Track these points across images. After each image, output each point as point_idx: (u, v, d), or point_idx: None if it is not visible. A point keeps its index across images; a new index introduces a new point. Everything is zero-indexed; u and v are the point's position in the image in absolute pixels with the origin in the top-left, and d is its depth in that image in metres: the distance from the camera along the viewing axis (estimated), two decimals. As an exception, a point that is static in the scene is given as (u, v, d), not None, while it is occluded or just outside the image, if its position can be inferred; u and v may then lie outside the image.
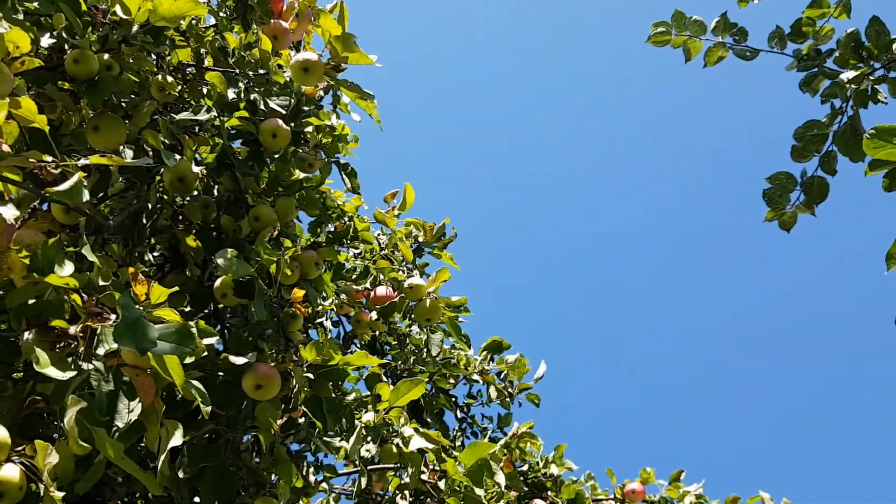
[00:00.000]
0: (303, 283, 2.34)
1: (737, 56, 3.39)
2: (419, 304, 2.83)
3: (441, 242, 3.17)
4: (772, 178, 3.07)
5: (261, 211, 2.42)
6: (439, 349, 2.95)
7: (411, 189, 3.25)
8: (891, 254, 2.14)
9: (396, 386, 2.23)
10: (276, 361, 2.06)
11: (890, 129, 2.02)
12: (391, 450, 2.21)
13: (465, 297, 2.85)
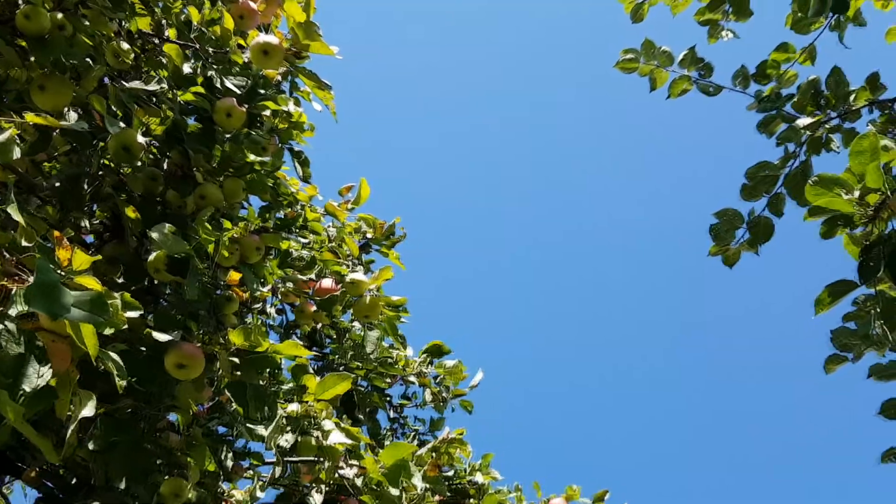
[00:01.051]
0: (242, 266, 2.32)
1: (700, 91, 3.45)
2: (359, 301, 2.81)
3: (390, 241, 3.17)
4: (719, 214, 3.12)
5: (207, 189, 2.40)
6: (375, 347, 2.94)
7: (367, 185, 3.24)
8: (820, 299, 2.19)
9: (324, 379, 2.22)
10: (202, 342, 2.03)
11: (832, 179, 2.06)
12: (310, 442, 2.20)
13: (405, 298, 2.85)
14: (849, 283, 2.13)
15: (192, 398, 2.00)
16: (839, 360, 2.71)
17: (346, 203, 3.22)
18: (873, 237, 2.09)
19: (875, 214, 2.07)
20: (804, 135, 3.10)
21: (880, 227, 2.08)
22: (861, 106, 3.05)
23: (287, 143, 2.67)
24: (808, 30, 3.46)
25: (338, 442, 2.16)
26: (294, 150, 2.74)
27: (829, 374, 2.81)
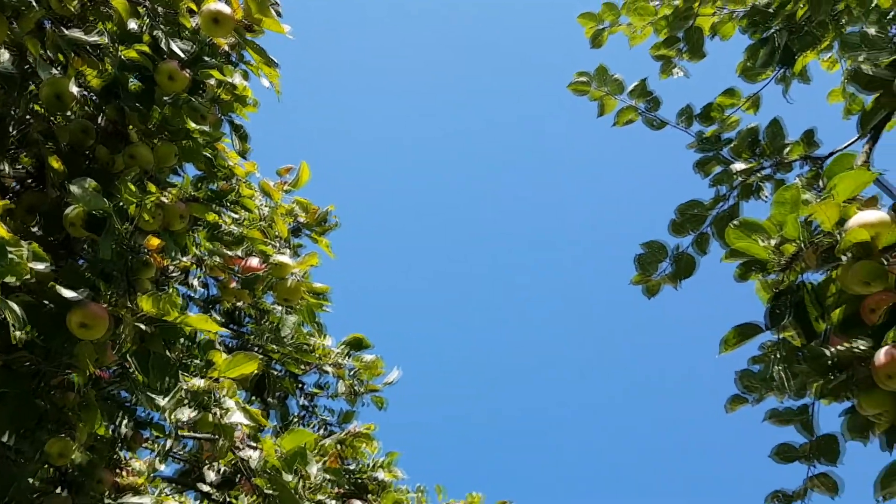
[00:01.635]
0: (164, 233, 2.28)
1: (645, 123, 3.53)
2: (281, 283, 2.79)
3: (321, 228, 3.14)
4: (646, 245, 3.19)
5: (139, 150, 2.35)
6: (292, 331, 2.91)
7: (307, 169, 3.22)
8: (726, 339, 2.26)
9: (231, 357, 2.20)
10: (109, 304, 1.99)
11: (753, 224, 2.13)
12: (207, 418, 2.17)
13: (328, 287, 2.84)
14: (755, 327, 2.20)
15: (91, 359, 1.96)
16: (741, 400, 2.79)
17: (282, 184, 3.19)
18: (784, 285, 2.17)
19: (788, 264, 2.14)
20: (737, 179, 3.19)
21: (792, 276, 2.16)
22: (794, 159, 3.17)
23: (228, 116, 2.63)
24: (756, 79, 3.58)
25: (236, 422, 2.14)
26: (234, 123, 2.71)
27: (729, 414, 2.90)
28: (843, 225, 1.96)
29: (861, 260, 1.91)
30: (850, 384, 2.06)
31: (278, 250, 2.93)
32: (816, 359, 2.11)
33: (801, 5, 3.03)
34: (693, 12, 3.50)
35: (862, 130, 2.58)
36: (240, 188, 3.05)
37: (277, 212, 3.06)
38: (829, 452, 2.62)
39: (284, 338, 2.98)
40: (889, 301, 1.97)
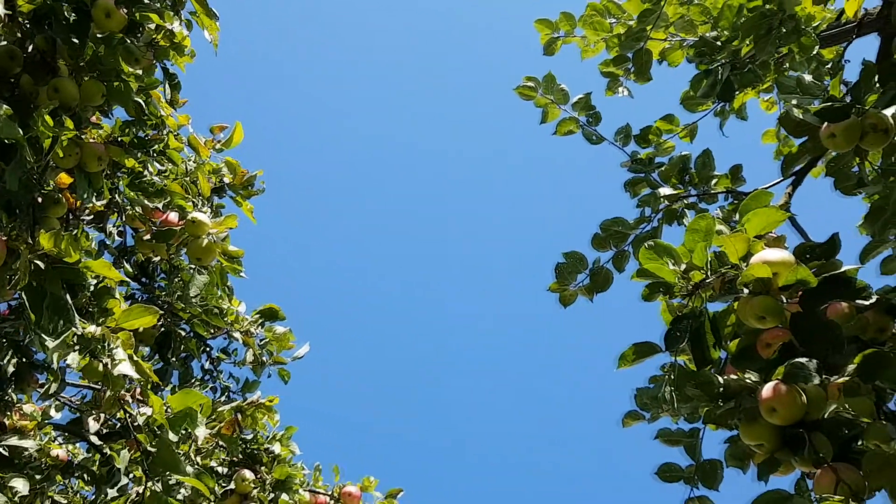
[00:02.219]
0: (78, 172, 2.21)
1: (583, 136, 3.58)
2: (195, 241, 2.73)
3: (247, 192, 3.09)
4: (567, 255, 3.24)
5: (64, 84, 2.27)
6: (200, 292, 2.86)
7: (241, 130, 3.16)
8: (625, 355, 2.31)
9: (130, 308, 2.14)
10: (8, 237, 1.92)
11: (665, 248, 2.19)
12: (97, 367, 2.11)
13: (243, 251, 2.79)
14: (653, 347, 2.25)
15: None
16: (637, 417, 2.85)
17: (213, 142, 3.12)
18: (686, 310, 2.23)
19: (693, 290, 2.20)
20: (662, 203, 3.27)
21: (695, 303, 2.22)
22: (719, 191, 3.26)
23: (163, 63, 2.57)
24: (696, 109, 3.67)
25: (124, 373, 2.09)
26: (169, 71, 2.64)
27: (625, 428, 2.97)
28: (748, 259, 2.03)
29: (759, 295, 1.98)
30: (735, 413, 2.12)
31: (197, 208, 2.87)
32: (706, 385, 2.17)
33: (747, 43, 3.12)
34: (645, 34, 3.56)
35: (784, 173, 2.67)
36: (168, 139, 2.98)
37: (203, 168, 2.99)
38: (709, 477, 2.70)
39: (192, 298, 2.92)
40: (784, 338, 2.05)
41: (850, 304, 2.07)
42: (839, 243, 2.07)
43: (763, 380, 2.04)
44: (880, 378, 2.02)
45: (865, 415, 1.96)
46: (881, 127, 2.34)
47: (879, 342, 2.09)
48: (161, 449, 2.07)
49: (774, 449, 2.02)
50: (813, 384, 1.93)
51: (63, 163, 2.14)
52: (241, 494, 3.51)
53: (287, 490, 3.59)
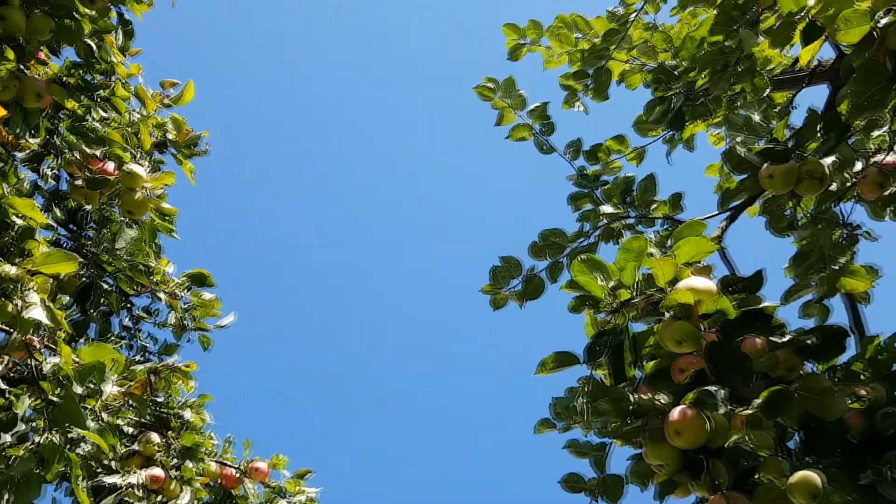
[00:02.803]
0: (13, 106, 2.13)
1: (535, 144, 3.61)
2: (129, 193, 2.66)
3: (189, 151, 3.03)
4: (504, 259, 3.27)
5: (11, 14, 2.19)
6: (127, 246, 2.79)
7: (192, 88, 3.09)
8: (544, 362, 2.34)
9: (49, 252, 2.08)
10: (-69, 162, 1.84)
11: (597, 263, 2.22)
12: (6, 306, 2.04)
13: (177, 210, 2.73)
14: (573, 357, 2.29)
15: None
16: (550, 425, 2.90)
17: (161, 95, 3.05)
18: (609, 326, 2.27)
19: (619, 308, 2.25)
20: (602, 221, 3.33)
21: (619, 320, 2.26)
22: (657, 216, 3.33)
23: (118, 7, 2.50)
24: (646, 134, 3.74)
25: (35, 318, 2.02)
26: (124, 17, 2.57)
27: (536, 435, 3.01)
28: (674, 284, 2.08)
29: (680, 320, 2.03)
30: (642, 432, 2.17)
31: (136, 160, 2.80)
32: (619, 401, 2.21)
33: (703, 76, 3.20)
34: (608, 54, 3.61)
35: (721, 207, 2.74)
36: (116, 87, 2.91)
37: (147, 121, 2.92)
38: (612, 492, 2.76)
39: (118, 251, 2.84)
40: (698, 365, 2.11)
41: (764, 340, 2.13)
42: (763, 280, 2.14)
43: (673, 403, 2.08)
44: (783, 415, 2.09)
45: (765, 448, 2.03)
46: (817, 174, 2.42)
47: (787, 381, 2.16)
48: (65, 400, 2.02)
49: (675, 471, 2.06)
50: (719, 413, 1.99)
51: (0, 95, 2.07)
52: (146, 457, 3.43)
53: (193, 458, 3.53)
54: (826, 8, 2.12)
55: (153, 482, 3.27)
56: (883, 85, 2.02)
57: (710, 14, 3.45)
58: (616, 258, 2.19)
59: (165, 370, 3.65)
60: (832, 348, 2.16)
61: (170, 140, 3.00)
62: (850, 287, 2.67)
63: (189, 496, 3.39)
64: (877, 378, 2.37)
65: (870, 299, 3.38)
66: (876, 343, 2.44)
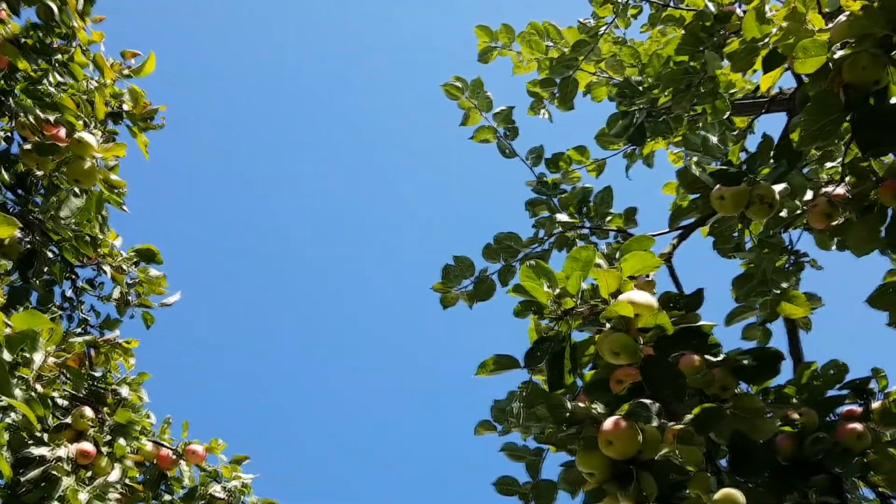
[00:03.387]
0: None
1: (498, 147, 3.62)
2: (78, 161, 2.60)
3: (145, 124, 2.97)
4: (458, 259, 3.27)
5: (-32, -33, 2.13)
6: (71, 214, 2.73)
7: (153, 61, 3.03)
8: (485, 364, 2.35)
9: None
10: None
11: (545, 270, 2.23)
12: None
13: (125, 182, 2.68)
14: (514, 361, 2.30)
15: None
16: (489, 426, 2.91)
17: (121, 65, 2.99)
18: (551, 333, 2.28)
19: (562, 315, 2.26)
20: (557, 228, 3.35)
21: (562, 327, 2.28)
22: (610, 229, 3.36)
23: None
24: (607, 147, 3.78)
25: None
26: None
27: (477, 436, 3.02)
28: (617, 296, 2.10)
29: (619, 332, 2.05)
30: (576, 439, 2.18)
31: (88, 129, 2.74)
32: (556, 407, 2.22)
33: (666, 94, 3.23)
34: (576, 64, 3.63)
35: (671, 224, 2.78)
36: (75, 53, 2.84)
37: (103, 90, 2.86)
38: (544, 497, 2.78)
39: (63, 219, 2.78)
40: (635, 377, 2.13)
41: (701, 357, 2.17)
42: (702, 299, 2.17)
43: (609, 413, 2.10)
44: (714, 432, 2.13)
45: (693, 464, 2.05)
46: (767, 199, 2.47)
47: (721, 399, 2.20)
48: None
49: (604, 480, 2.08)
50: (652, 426, 2.01)
51: (-51, 48, 2.01)
52: (77, 431, 3.36)
53: (126, 435, 3.47)
54: (787, 37, 2.16)
55: (83, 457, 3.20)
56: (835, 116, 2.06)
57: (678, 34, 3.49)
58: (563, 266, 2.21)
59: (105, 345, 3.59)
60: (767, 371, 2.20)
61: (126, 111, 2.95)
62: (789, 312, 2.72)
63: (119, 473, 3.33)
64: (809, 404, 2.42)
65: (810, 326, 3.46)
66: (812, 369, 2.50)
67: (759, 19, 2.37)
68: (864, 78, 1.94)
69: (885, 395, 2.48)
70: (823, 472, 2.27)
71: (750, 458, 2.20)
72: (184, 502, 4.01)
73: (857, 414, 2.39)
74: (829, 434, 2.32)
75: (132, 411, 3.53)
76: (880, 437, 2.38)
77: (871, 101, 1.94)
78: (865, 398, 2.47)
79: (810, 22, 2.09)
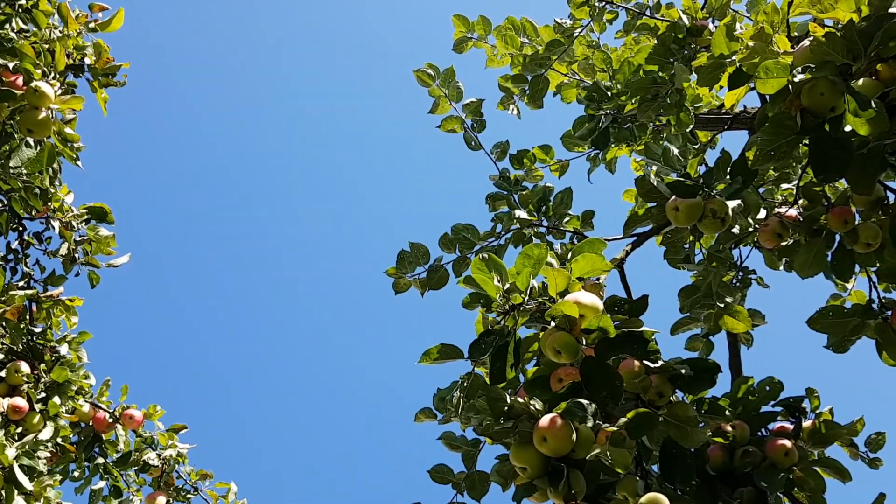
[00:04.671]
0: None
1: (464, 139, 3.63)
2: (32, 111, 2.54)
3: (105, 80, 2.91)
4: (413, 246, 3.27)
5: None
6: (20, 164, 2.66)
7: (122, 17, 2.97)
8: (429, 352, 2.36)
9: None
10: None
11: (496, 264, 2.25)
12: None
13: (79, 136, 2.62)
14: (458, 351, 2.32)
15: None
16: (430, 414, 2.92)
17: (86, 17, 2.92)
18: (497, 327, 2.30)
19: (509, 311, 2.28)
20: (515, 225, 3.36)
21: (509, 322, 2.30)
22: (567, 230, 3.39)
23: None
24: (572, 148, 3.81)
25: None
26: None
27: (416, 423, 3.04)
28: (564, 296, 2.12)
29: (562, 331, 2.07)
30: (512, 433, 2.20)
31: (46, 79, 2.67)
32: (495, 400, 2.24)
33: (633, 102, 3.27)
34: (549, 63, 3.65)
35: (625, 231, 2.81)
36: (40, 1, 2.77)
37: (66, 41, 2.79)
38: (477, 488, 2.82)
39: (12, 169, 2.71)
40: (575, 377, 2.16)
41: (641, 363, 2.20)
42: (646, 304, 2.21)
43: (546, 410, 2.12)
44: (647, 437, 2.17)
45: (623, 466, 2.09)
46: (720, 214, 2.51)
47: (655, 405, 2.24)
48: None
49: (536, 476, 2.11)
50: (586, 425, 2.04)
51: None
52: (11, 385, 3.31)
53: (61, 394, 3.41)
54: (752, 55, 2.19)
55: (14, 412, 3.15)
56: (791, 138, 2.10)
57: (651, 42, 3.53)
58: (515, 262, 2.22)
59: (48, 301, 3.52)
60: (703, 381, 2.24)
61: (87, 65, 2.88)
62: (731, 326, 2.78)
63: (51, 432, 3.28)
64: (743, 417, 2.48)
65: (752, 342, 3.54)
66: (748, 384, 2.56)
67: (729, 36, 2.40)
68: (821, 104, 1.98)
69: (816, 415, 2.55)
70: (750, 485, 2.32)
71: (679, 465, 2.24)
72: (116, 466, 3.97)
73: (787, 431, 2.45)
74: (759, 448, 2.37)
75: (70, 370, 3.48)
76: (807, 455, 2.45)
77: (826, 127, 1.98)
78: (797, 416, 2.53)
79: (776, 44, 2.13)
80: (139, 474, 4.10)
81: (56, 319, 3.67)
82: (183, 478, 4.15)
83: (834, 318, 2.70)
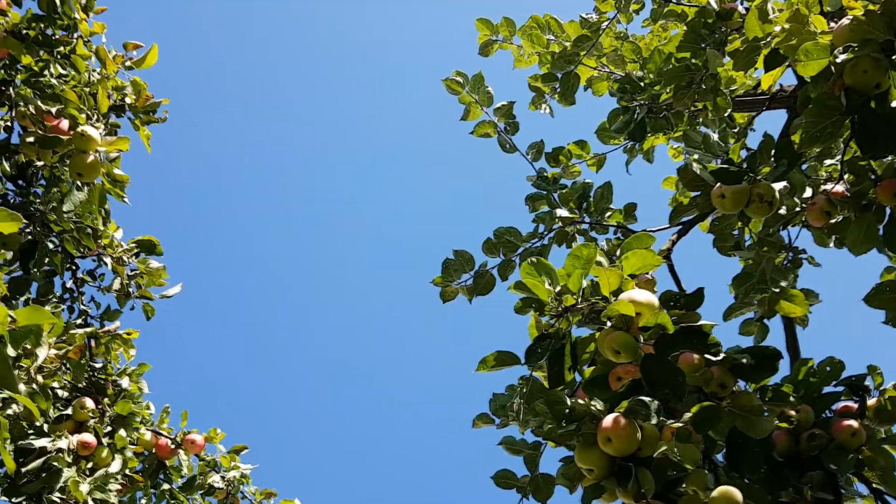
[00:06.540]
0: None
1: (498, 142, 3.63)
2: (80, 156, 2.60)
3: (147, 117, 2.97)
4: (457, 253, 3.29)
5: (-28, -40, 2.12)
6: (73, 208, 2.73)
7: (156, 53, 3.03)
8: (486, 360, 2.37)
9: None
10: None
11: (546, 267, 2.25)
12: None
13: (128, 176, 2.68)
14: (514, 357, 2.33)
15: None
16: (487, 420, 2.93)
17: (123, 57, 2.98)
18: (552, 330, 2.30)
19: (563, 313, 2.28)
20: (557, 224, 3.36)
21: (562, 325, 2.30)
22: (610, 224, 3.38)
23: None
24: (608, 142, 3.79)
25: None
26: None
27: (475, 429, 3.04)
28: (618, 295, 2.11)
29: (620, 330, 2.07)
30: (575, 435, 2.20)
31: (91, 122, 2.73)
32: (555, 403, 2.24)
33: (668, 91, 3.24)
34: (578, 59, 3.64)
35: (671, 221, 2.79)
36: (77, 45, 2.84)
37: (106, 83, 2.85)
38: (541, 491, 2.81)
39: (66, 213, 2.78)
40: (634, 375, 2.15)
41: (700, 356, 2.19)
42: (702, 297, 2.19)
43: (608, 410, 2.12)
44: (712, 430, 2.15)
45: (691, 461, 2.07)
46: (767, 198, 2.48)
47: (718, 397, 2.22)
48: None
49: (603, 476, 2.10)
50: (650, 423, 2.03)
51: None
52: (78, 422, 3.39)
53: (126, 426, 3.49)
54: (789, 38, 2.16)
55: (83, 448, 3.22)
56: (835, 119, 2.07)
57: (680, 29, 3.50)
58: (564, 263, 2.22)
59: (105, 336, 3.60)
60: (764, 369, 2.22)
61: (128, 104, 2.94)
62: (788, 310, 2.74)
63: (119, 464, 3.36)
64: (806, 400, 2.45)
65: (807, 323, 3.48)
66: (808, 366, 2.52)
67: (762, 18, 2.37)
68: (865, 81, 1.95)
69: (881, 393, 2.50)
70: (819, 469, 2.29)
71: (746, 454, 2.22)
72: (182, 492, 4.04)
73: (852, 411, 2.41)
74: (824, 430, 2.34)
75: (132, 402, 3.55)
76: (875, 434, 2.40)
77: (871, 105, 1.95)
78: (861, 395, 2.49)
79: (813, 24, 2.10)
80: (205, 497, 4.16)
81: (115, 353, 3.75)
82: (248, 498, 4.20)
83: (891, 293, 2.65)
